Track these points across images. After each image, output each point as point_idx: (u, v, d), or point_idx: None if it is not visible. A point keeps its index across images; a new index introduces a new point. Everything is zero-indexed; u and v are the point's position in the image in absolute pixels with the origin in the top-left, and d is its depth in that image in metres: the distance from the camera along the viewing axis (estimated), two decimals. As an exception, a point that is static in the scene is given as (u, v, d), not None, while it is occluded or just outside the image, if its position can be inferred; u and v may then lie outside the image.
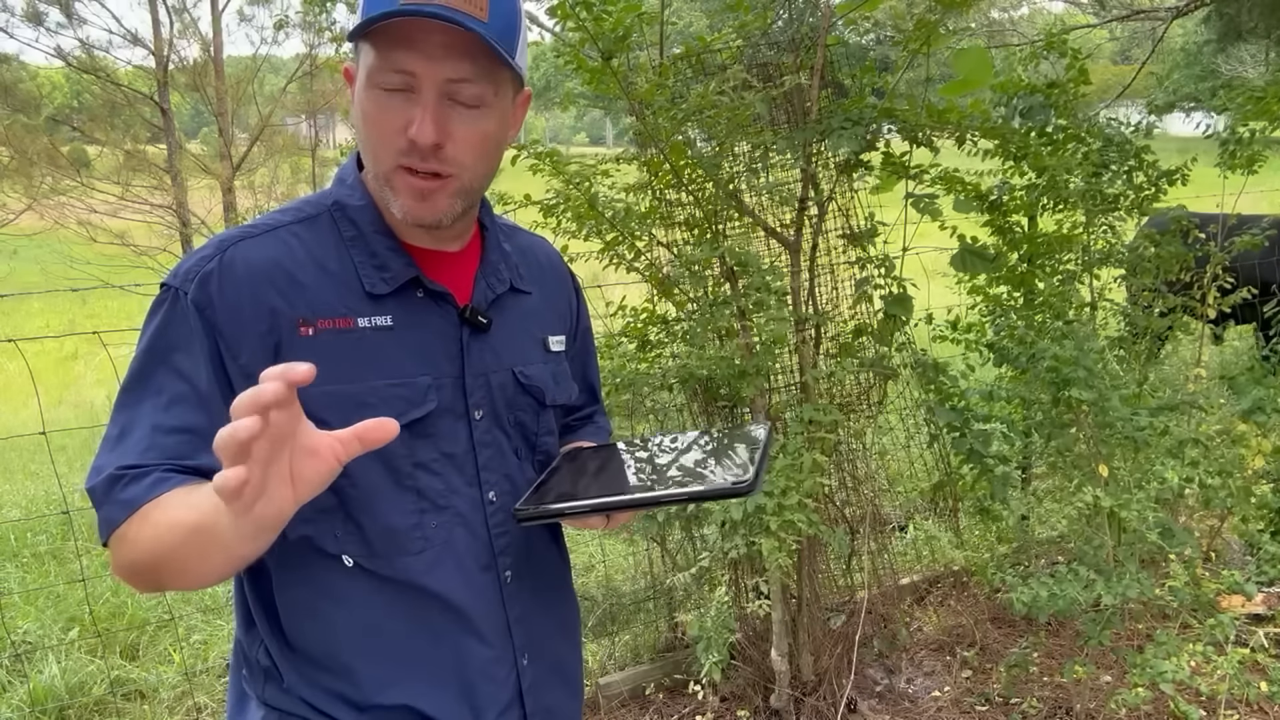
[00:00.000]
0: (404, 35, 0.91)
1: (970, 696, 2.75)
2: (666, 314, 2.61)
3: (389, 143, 0.94)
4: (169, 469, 0.90)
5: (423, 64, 0.92)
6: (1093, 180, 2.78)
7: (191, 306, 0.93)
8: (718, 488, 0.92)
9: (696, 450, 1.07)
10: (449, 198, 0.97)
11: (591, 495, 0.97)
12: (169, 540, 0.86)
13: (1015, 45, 10.23)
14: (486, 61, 0.93)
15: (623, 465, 1.06)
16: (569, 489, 1.00)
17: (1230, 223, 3.30)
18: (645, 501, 0.95)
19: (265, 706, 1.04)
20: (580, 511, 0.96)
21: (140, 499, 0.88)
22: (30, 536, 4.28)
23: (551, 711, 1.13)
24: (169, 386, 0.93)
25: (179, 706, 2.88)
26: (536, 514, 0.95)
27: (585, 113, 32.15)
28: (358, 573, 0.99)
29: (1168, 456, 2.51)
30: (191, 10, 11.57)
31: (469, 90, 0.94)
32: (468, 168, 0.97)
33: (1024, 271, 2.88)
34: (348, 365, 0.97)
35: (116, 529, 0.90)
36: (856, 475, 2.84)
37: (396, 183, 0.96)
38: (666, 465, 1.04)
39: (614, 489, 0.99)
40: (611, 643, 3.04)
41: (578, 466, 1.08)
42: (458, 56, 0.92)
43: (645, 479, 1.00)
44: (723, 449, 1.06)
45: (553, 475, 1.05)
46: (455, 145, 0.95)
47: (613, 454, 1.11)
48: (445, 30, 0.90)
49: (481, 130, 0.96)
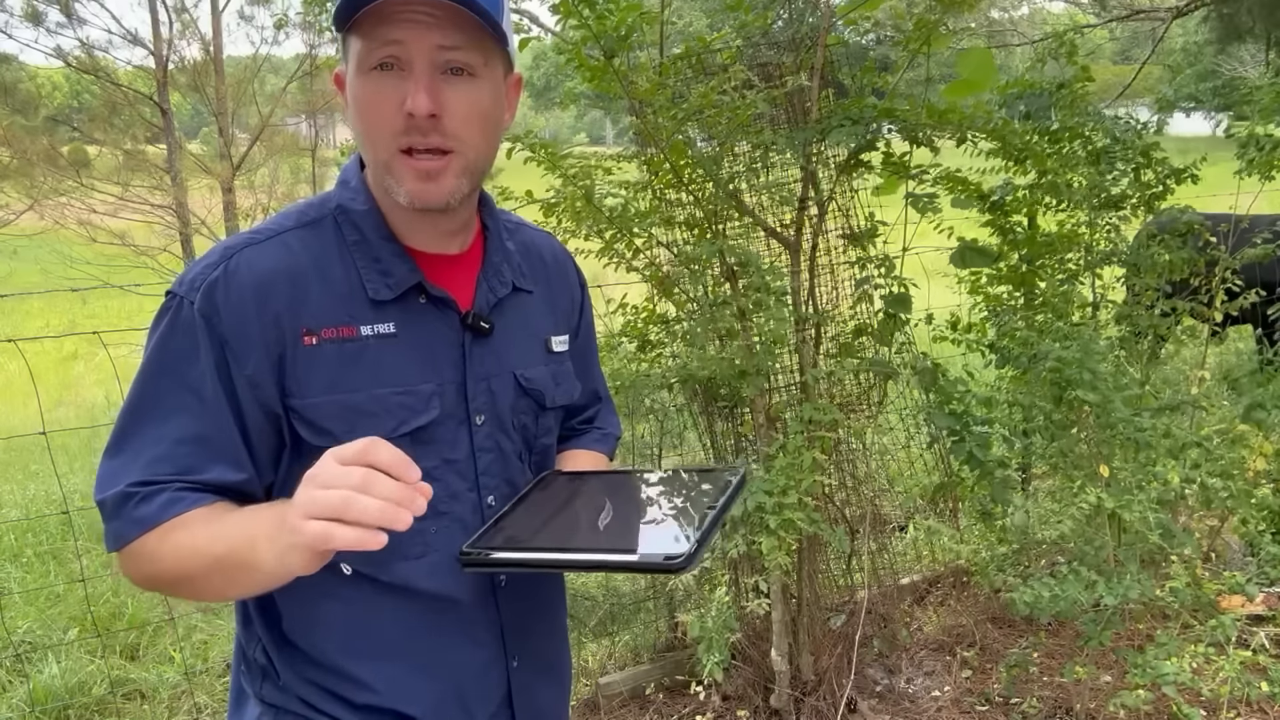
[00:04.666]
0: (389, 14, 0.91)
1: (970, 696, 2.75)
2: (666, 314, 2.60)
3: (386, 124, 0.94)
4: (181, 487, 0.92)
5: (410, 31, 0.92)
6: (1097, 178, 2.77)
7: (198, 316, 0.93)
8: (649, 563, 0.89)
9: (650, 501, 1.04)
10: (454, 176, 0.97)
11: (534, 547, 0.96)
12: (193, 564, 0.89)
13: (1016, 45, 10.23)
14: (474, 31, 0.93)
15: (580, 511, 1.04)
16: (519, 534, 0.99)
17: (1242, 225, 3.26)
18: (579, 565, 0.94)
19: (262, 704, 1.04)
20: (518, 565, 0.95)
21: (154, 519, 0.90)
22: (30, 536, 4.28)
23: (538, 712, 1.13)
24: (175, 397, 0.94)
25: (179, 706, 2.88)
26: (479, 560, 0.95)
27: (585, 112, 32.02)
28: (356, 579, 1.00)
29: (1169, 457, 2.50)
30: (191, 10, 11.56)
31: (459, 59, 0.94)
32: (467, 143, 0.97)
33: (1025, 271, 2.87)
34: (351, 374, 0.97)
35: (127, 544, 0.92)
36: (856, 475, 2.83)
37: (398, 168, 0.96)
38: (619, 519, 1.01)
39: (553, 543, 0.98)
40: (611, 643, 3.03)
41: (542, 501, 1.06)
42: (443, 24, 0.92)
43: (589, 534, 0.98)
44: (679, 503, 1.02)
45: (515, 508, 1.04)
46: (452, 118, 0.95)
47: (577, 491, 1.09)
48: (431, 2, 0.91)
49: (476, 101, 0.96)
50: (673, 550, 0.88)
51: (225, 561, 0.87)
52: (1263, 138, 2.87)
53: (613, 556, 0.92)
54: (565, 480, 1.12)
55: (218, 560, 0.87)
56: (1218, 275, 3.05)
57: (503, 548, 0.95)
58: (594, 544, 0.95)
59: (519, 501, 1.05)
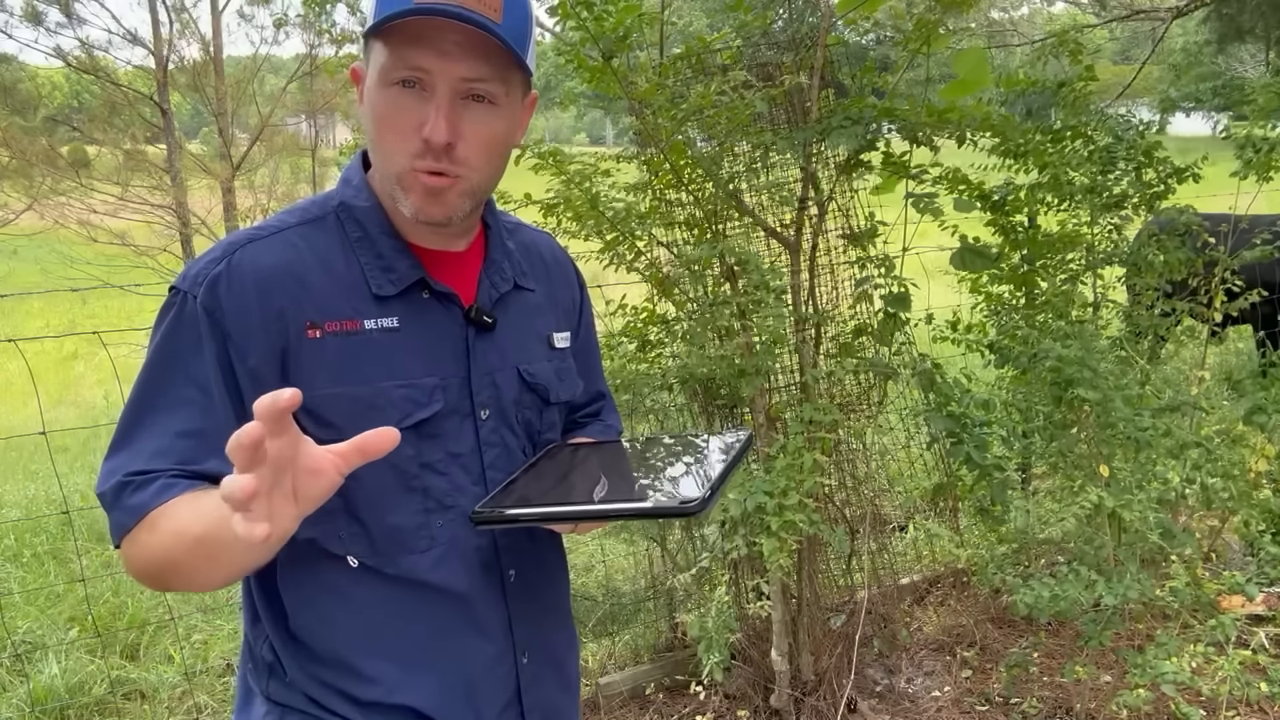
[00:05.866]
0: (418, 33, 0.91)
1: (970, 696, 2.75)
2: (666, 314, 2.61)
3: (402, 144, 0.95)
4: (175, 474, 0.91)
5: (437, 62, 0.92)
6: (1099, 177, 2.77)
7: (200, 310, 0.94)
8: (663, 507, 0.91)
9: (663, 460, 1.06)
10: (459, 197, 0.98)
11: (548, 503, 0.96)
12: (176, 547, 0.88)
13: (1015, 45, 10.23)
14: (500, 61, 0.94)
15: (591, 471, 1.05)
16: (529, 493, 0.99)
17: (1241, 225, 3.26)
18: (594, 514, 0.95)
19: (268, 701, 1.04)
20: (531, 520, 0.95)
21: (148, 505, 0.90)
22: (30, 536, 4.28)
23: (548, 709, 1.13)
24: (177, 390, 0.94)
25: (179, 706, 2.88)
26: (490, 517, 0.95)
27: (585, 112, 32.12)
28: (362, 572, 1.00)
29: (1169, 457, 2.50)
30: (191, 10, 11.57)
31: (482, 89, 0.94)
32: (476, 169, 0.98)
33: (1026, 271, 2.87)
34: (355, 367, 0.97)
35: (127, 534, 0.92)
36: (856, 475, 2.83)
37: (408, 182, 0.97)
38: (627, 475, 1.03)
39: (571, 498, 0.98)
40: (611, 643, 3.03)
41: (551, 467, 1.07)
42: (472, 55, 0.92)
43: (603, 489, 0.99)
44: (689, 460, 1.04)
45: (524, 474, 1.05)
46: (466, 145, 0.95)
47: (589, 456, 1.10)
48: (460, 29, 0.91)
49: (492, 130, 0.97)
50: (689, 495, 0.90)
51: (205, 540, 0.85)
52: (1260, 139, 2.88)
53: (630, 505, 0.93)
54: (572, 449, 1.13)
55: (198, 540, 0.85)
56: (1216, 275, 3.05)
57: (516, 505, 0.96)
58: (609, 496, 0.97)
59: (529, 468, 1.06)
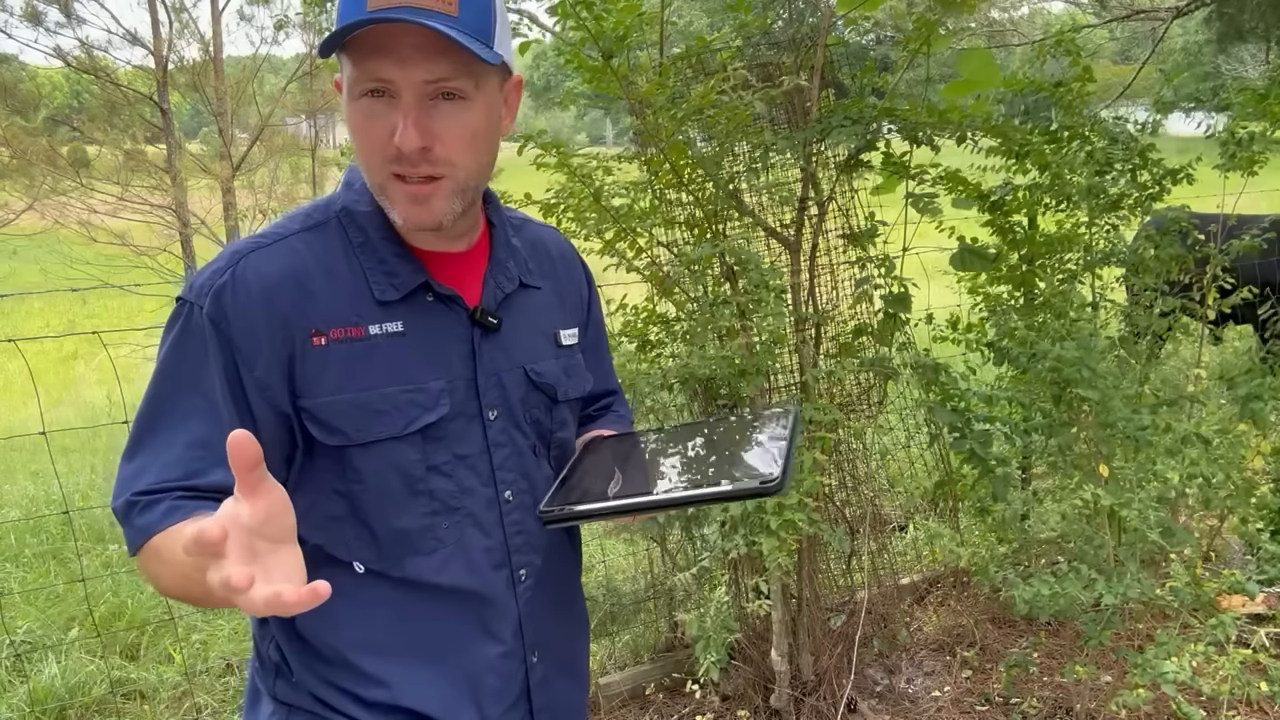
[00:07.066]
0: (377, 43, 0.90)
1: (970, 696, 2.75)
2: (666, 314, 2.61)
3: (378, 153, 0.95)
4: (181, 495, 0.92)
5: (397, 69, 0.91)
6: (1096, 179, 2.77)
7: (207, 321, 0.94)
8: (744, 488, 0.88)
9: (720, 442, 1.04)
10: (445, 199, 0.97)
11: (617, 496, 0.94)
12: (170, 577, 0.90)
13: (1016, 45, 10.23)
14: (463, 55, 0.92)
15: (645, 460, 1.04)
16: (593, 487, 0.98)
17: (1230, 223, 3.29)
18: (671, 503, 0.93)
19: (275, 701, 1.05)
20: (606, 514, 0.94)
21: (153, 527, 0.91)
22: (30, 536, 4.28)
23: (557, 707, 1.13)
24: (185, 401, 0.95)
25: (179, 706, 2.88)
26: (562, 516, 0.93)
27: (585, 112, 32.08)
28: (368, 575, 1.01)
29: (1168, 455, 2.50)
30: (191, 10, 11.58)
31: (449, 87, 0.93)
32: (459, 166, 0.97)
33: (1025, 271, 2.87)
34: (361, 373, 0.98)
35: (139, 550, 0.93)
36: (856, 475, 2.83)
37: (391, 191, 0.97)
38: (690, 461, 1.01)
39: (639, 488, 0.97)
40: (611, 643, 3.03)
41: (599, 460, 1.06)
42: (432, 56, 0.91)
43: (670, 477, 0.98)
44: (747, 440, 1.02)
45: (574, 471, 1.04)
46: (443, 145, 0.95)
47: (634, 446, 1.09)
48: (417, 31, 0.89)
49: (467, 125, 0.96)
50: (768, 473, 0.88)
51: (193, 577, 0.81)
52: (1243, 135, 2.91)
53: (708, 490, 0.90)
54: (614, 441, 1.12)
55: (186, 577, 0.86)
56: (1209, 273, 3.08)
57: (583, 500, 0.94)
58: (681, 482, 0.94)
59: (575, 465, 1.05)
